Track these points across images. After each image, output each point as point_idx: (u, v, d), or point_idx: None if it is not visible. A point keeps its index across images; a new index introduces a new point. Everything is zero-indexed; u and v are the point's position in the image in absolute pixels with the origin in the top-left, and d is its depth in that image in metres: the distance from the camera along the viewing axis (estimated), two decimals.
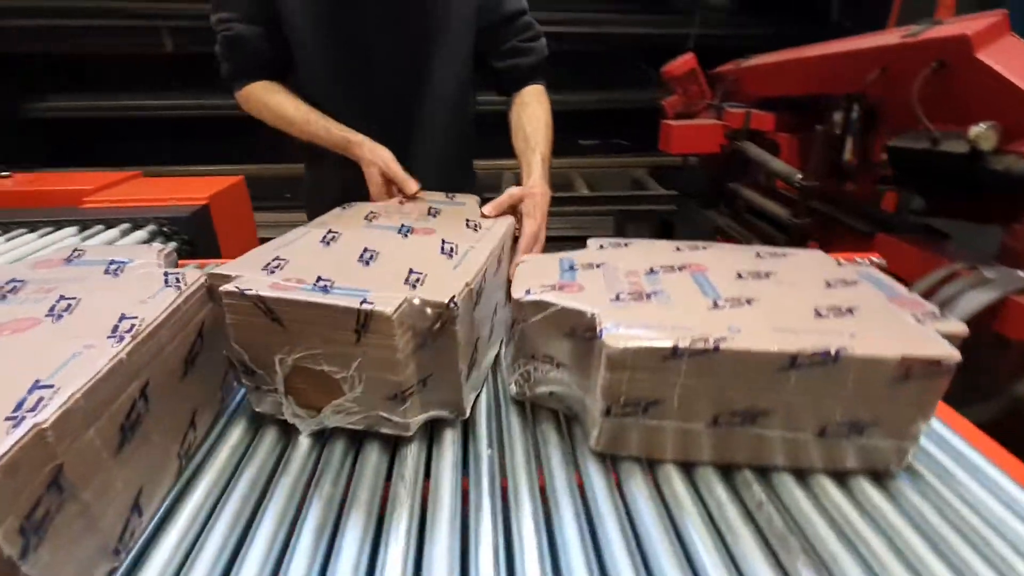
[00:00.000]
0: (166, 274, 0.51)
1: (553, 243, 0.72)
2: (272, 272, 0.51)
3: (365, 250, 0.56)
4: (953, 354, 0.41)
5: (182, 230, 0.97)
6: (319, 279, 0.49)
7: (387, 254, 0.56)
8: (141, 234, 0.92)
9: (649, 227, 2.18)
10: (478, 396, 0.56)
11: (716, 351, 0.40)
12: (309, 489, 0.44)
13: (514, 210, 0.77)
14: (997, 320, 1.15)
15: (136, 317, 0.43)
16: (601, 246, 0.63)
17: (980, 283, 1.17)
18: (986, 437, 0.54)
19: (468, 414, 0.52)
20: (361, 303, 0.44)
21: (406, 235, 0.63)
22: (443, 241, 0.60)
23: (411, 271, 0.51)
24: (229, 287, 0.46)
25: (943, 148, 1.21)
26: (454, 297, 0.46)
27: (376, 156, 0.82)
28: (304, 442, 0.51)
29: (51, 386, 0.33)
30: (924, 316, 0.46)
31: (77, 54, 2.92)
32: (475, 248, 0.59)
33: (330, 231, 0.62)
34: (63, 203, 1.10)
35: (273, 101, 0.89)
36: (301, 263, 0.53)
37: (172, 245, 0.59)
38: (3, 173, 1.39)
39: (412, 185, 0.80)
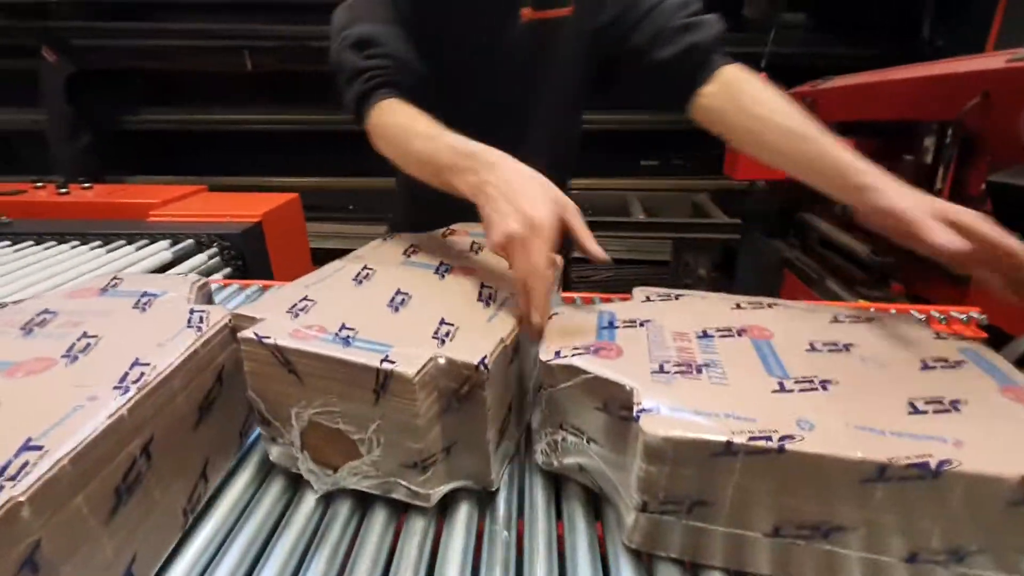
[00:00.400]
0: (191, 312, 0.49)
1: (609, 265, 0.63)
2: (297, 315, 0.48)
3: (397, 292, 0.53)
4: None
5: (234, 247, 0.98)
6: (343, 327, 0.46)
7: (420, 298, 0.52)
8: (201, 253, 0.94)
9: (709, 256, 2.07)
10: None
11: (781, 452, 0.34)
12: (305, 559, 0.41)
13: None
14: None
15: (148, 364, 0.41)
16: (648, 297, 0.56)
17: None
18: None
19: (497, 486, 0.47)
20: (382, 361, 0.41)
21: (443, 275, 0.59)
22: (482, 284, 0.56)
23: (442, 321, 0.47)
24: (247, 333, 0.44)
25: None
26: (485, 358, 0.42)
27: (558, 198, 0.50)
28: (309, 498, 0.47)
29: (40, 447, 0.31)
30: None
31: (168, 71, 3.13)
32: (516, 295, 0.54)
33: (365, 267, 0.59)
34: (132, 215, 1.15)
35: (404, 115, 0.67)
36: (329, 306, 0.50)
37: (203, 279, 0.57)
38: (84, 185, 1.48)
39: (598, 252, 0.49)
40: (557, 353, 0.44)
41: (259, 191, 3.07)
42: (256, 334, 0.44)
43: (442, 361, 0.41)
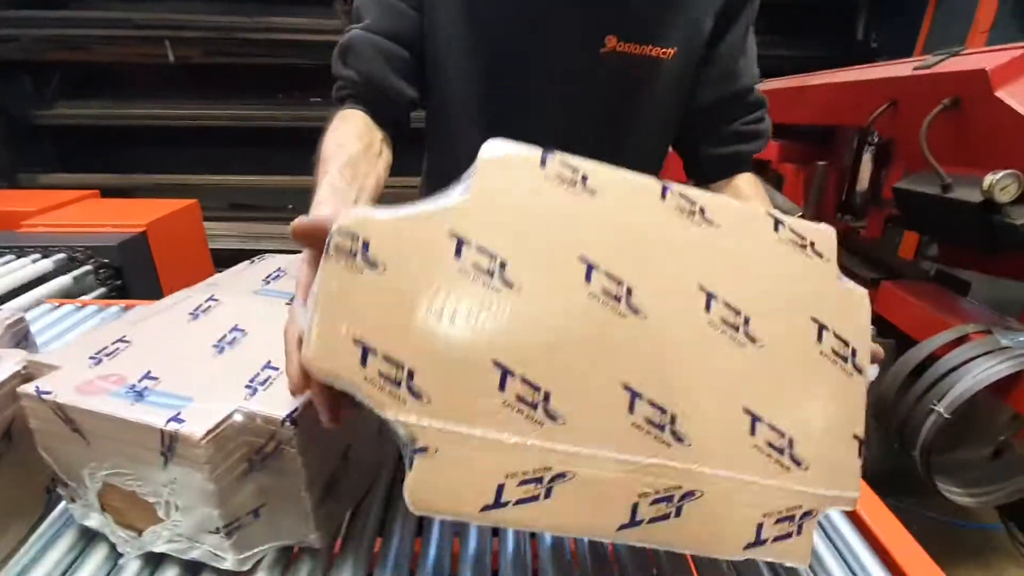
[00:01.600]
0: None
1: None
2: (100, 362, 0.43)
3: (232, 329, 0.48)
4: None
5: (109, 261, 0.91)
6: (146, 376, 0.41)
7: (256, 335, 0.48)
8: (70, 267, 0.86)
9: None
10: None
11: None
12: None
13: None
14: (1010, 395, 1.03)
15: None
16: None
17: (993, 350, 1.05)
18: None
19: (324, 543, 0.43)
20: (168, 420, 0.36)
21: None
22: None
23: (267, 365, 0.43)
24: (28, 388, 0.39)
25: (954, 195, 1.10)
26: (294, 412, 0.38)
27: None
28: (133, 566, 0.42)
29: None
30: None
31: (87, 62, 2.93)
32: None
33: (211, 298, 0.54)
34: (1, 226, 1.05)
35: (338, 133, 0.61)
36: (144, 348, 0.45)
37: (18, 315, 0.51)
38: None
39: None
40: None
41: (186, 189, 2.94)
42: (37, 389, 0.39)
43: (239, 418, 0.37)
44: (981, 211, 1.04)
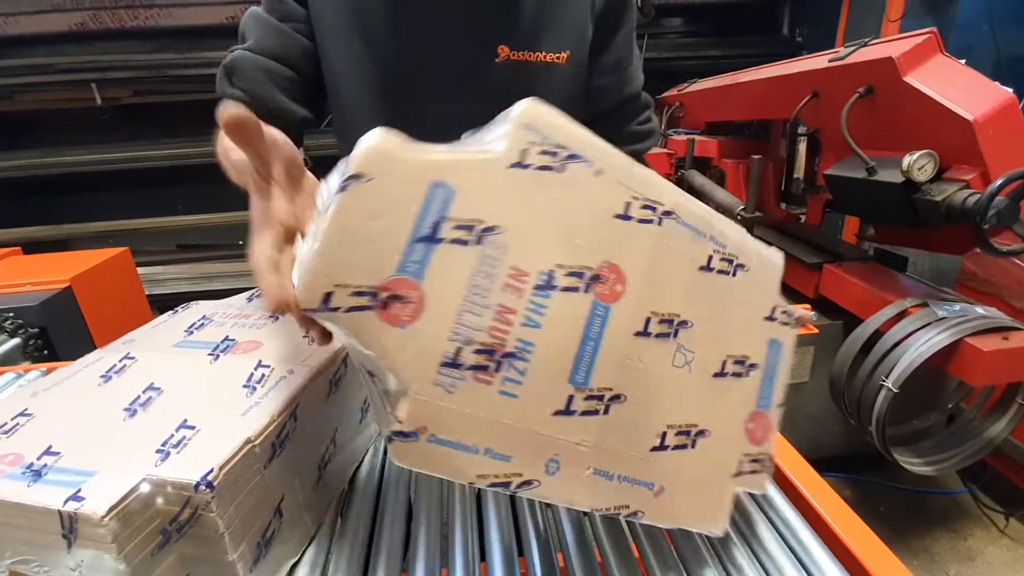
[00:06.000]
0: None
1: None
2: None
3: (148, 388, 0.46)
4: None
5: (31, 323, 0.86)
6: (46, 452, 0.38)
7: (172, 393, 0.46)
8: None
9: None
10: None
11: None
12: None
13: None
14: (951, 363, 1.07)
15: None
16: (522, 160, 0.36)
17: (931, 322, 1.09)
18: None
19: None
20: (67, 500, 0.34)
21: (218, 356, 0.52)
22: (259, 363, 0.49)
23: (183, 424, 0.41)
24: None
25: (879, 178, 1.14)
26: (209, 473, 0.36)
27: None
28: None
29: None
30: None
31: (9, 112, 2.80)
32: (296, 372, 0.48)
33: (126, 356, 0.52)
34: None
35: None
36: (47, 420, 0.42)
37: None
38: None
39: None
40: (327, 299, 0.30)
41: (128, 235, 2.84)
42: None
43: (147, 488, 0.35)
44: (903, 191, 1.09)
